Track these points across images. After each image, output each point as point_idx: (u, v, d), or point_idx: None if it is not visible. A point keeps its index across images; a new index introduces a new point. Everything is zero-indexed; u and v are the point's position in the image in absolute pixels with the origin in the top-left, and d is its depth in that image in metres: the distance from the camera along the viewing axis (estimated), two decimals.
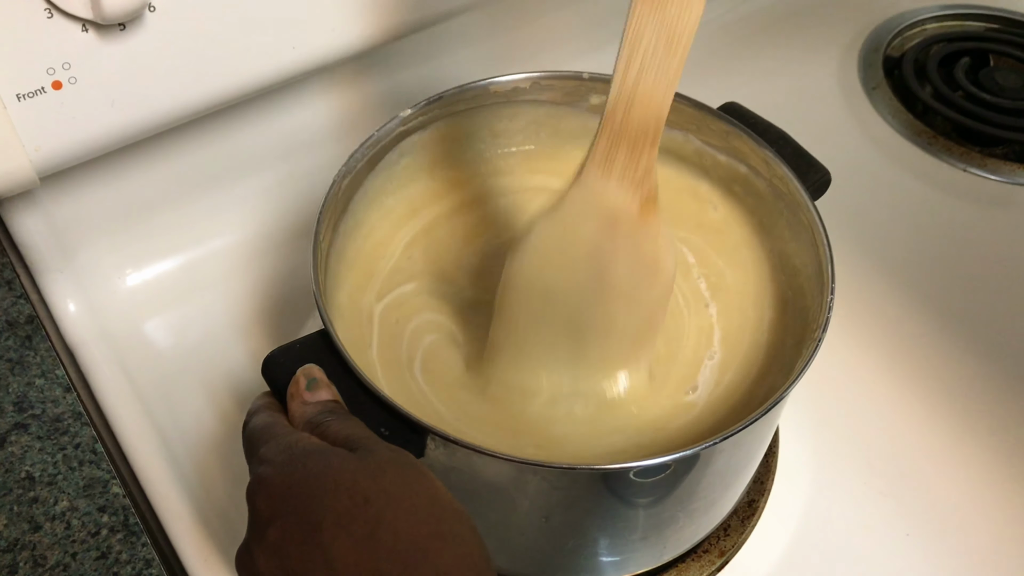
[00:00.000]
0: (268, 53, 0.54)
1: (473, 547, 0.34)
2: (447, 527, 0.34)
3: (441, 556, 0.33)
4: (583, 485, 0.42)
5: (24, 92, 0.48)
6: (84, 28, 0.48)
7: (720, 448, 0.41)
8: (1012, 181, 0.74)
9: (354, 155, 0.50)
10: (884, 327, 0.64)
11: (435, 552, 0.33)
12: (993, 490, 0.56)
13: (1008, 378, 0.61)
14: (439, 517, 0.34)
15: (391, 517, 0.34)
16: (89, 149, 0.52)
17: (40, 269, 0.59)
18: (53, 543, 0.49)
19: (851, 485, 0.56)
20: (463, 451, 0.40)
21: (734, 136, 0.52)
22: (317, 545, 0.33)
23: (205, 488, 0.55)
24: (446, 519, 0.35)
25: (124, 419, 0.57)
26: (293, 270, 0.64)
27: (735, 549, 0.53)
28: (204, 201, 0.63)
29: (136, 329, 0.61)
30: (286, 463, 0.36)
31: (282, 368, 0.42)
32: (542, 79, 0.54)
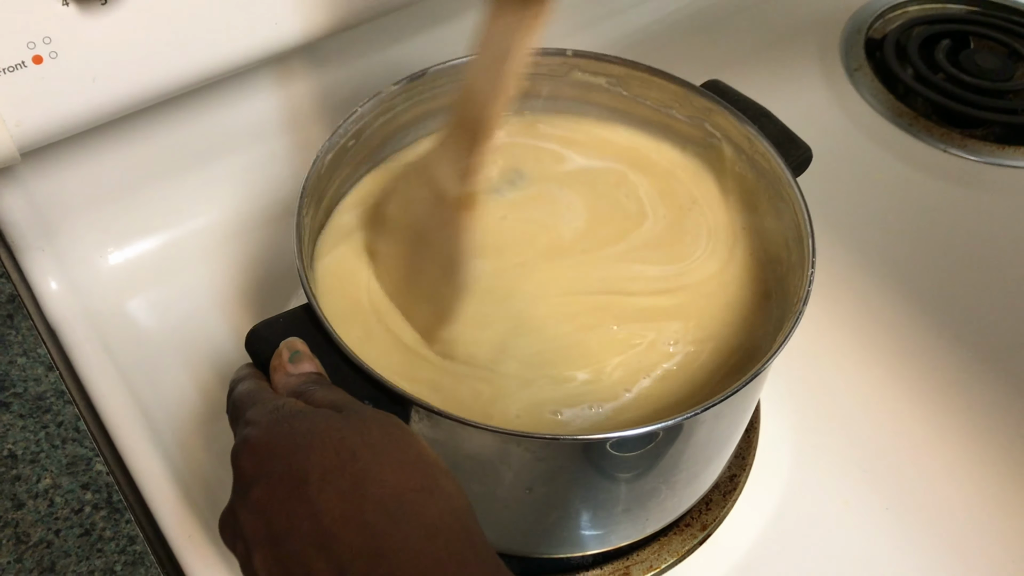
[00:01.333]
0: (252, 29, 0.54)
1: (458, 500, 0.35)
2: (433, 481, 0.34)
3: (427, 508, 0.33)
4: (565, 456, 0.42)
5: (5, 67, 0.47)
6: (65, 2, 0.48)
7: (701, 419, 0.42)
8: (991, 162, 0.74)
9: (337, 131, 0.50)
10: (864, 304, 0.64)
11: (421, 504, 0.33)
12: (969, 464, 0.57)
13: (984, 355, 0.62)
14: (425, 472, 0.35)
15: (377, 471, 0.34)
16: (70, 125, 0.52)
17: (21, 247, 0.59)
18: (36, 520, 0.49)
19: (830, 460, 0.57)
20: (446, 422, 0.40)
21: (716, 113, 0.52)
22: (303, 499, 0.33)
23: (188, 465, 0.55)
24: (432, 474, 0.35)
25: (107, 397, 0.56)
26: (275, 248, 0.64)
27: (717, 523, 0.54)
28: (187, 179, 0.63)
29: (118, 307, 0.61)
30: (272, 424, 0.36)
31: (266, 342, 0.42)
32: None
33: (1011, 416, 0.59)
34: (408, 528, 0.33)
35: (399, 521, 0.33)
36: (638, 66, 0.54)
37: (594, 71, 0.55)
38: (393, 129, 0.54)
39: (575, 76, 0.55)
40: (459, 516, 0.34)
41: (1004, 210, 0.71)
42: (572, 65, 0.55)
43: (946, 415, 0.59)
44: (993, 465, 0.57)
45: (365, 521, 0.33)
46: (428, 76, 0.53)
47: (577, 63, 0.54)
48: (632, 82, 0.54)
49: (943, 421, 0.59)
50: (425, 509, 0.33)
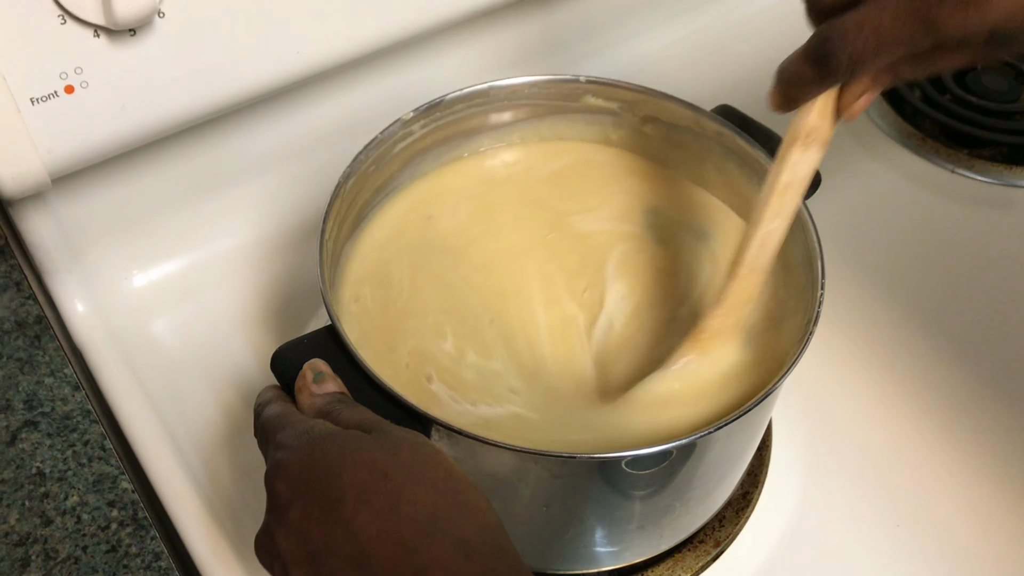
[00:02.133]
0: (274, 58, 0.56)
1: (490, 517, 0.36)
2: (464, 498, 0.36)
3: (461, 525, 0.35)
4: (583, 473, 0.43)
5: (38, 96, 0.49)
6: (96, 34, 0.49)
7: (714, 438, 0.43)
8: (999, 182, 0.75)
9: (358, 157, 0.51)
10: (875, 325, 0.65)
11: (455, 521, 0.35)
12: (980, 483, 0.58)
13: (996, 375, 0.63)
14: (456, 489, 0.36)
15: (410, 490, 0.35)
16: (100, 152, 0.53)
17: (49, 270, 0.60)
18: (64, 537, 0.51)
19: (842, 478, 0.58)
20: (466, 440, 0.41)
21: (726, 137, 0.54)
22: (339, 520, 0.35)
23: (212, 482, 0.56)
24: (462, 491, 0.36)
25: (132, 416, 0.58)
26: (297, 271, 0.66)
27: (730, 539, 0.55)
28: (210, 203, 0.64)
29: (143, 328, 0.63)
30: (304, 447, 0.37)
31: (290, 363, 0.43)
32: (540, 83, 0.56)
33: (1021, 436, 0.60)
34: (443, 545, 0.34)
35: (434, 538, 0.34)
36: (649, 91, 0.55)
37: (606, 96, 0.56)
38: (412, 154, 0.56)
39: (587, 101, 0.56)
40: (491, 532, 0.35)
41: (1012, 229, 0.72)
42: (585, 91, 0.56)
43: (956, 433, 0.60)
44: (1004, 484, 0.58)
45: (401, 539, 0.34)
46: (446, 103, 0.54)
47: (589, 88, 0.56)
48: (643, 106, 0.56)
49: (954, 439, 0.60)
50: (458, 526, 0.35)
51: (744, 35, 0.82)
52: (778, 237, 0.46)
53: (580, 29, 0.74)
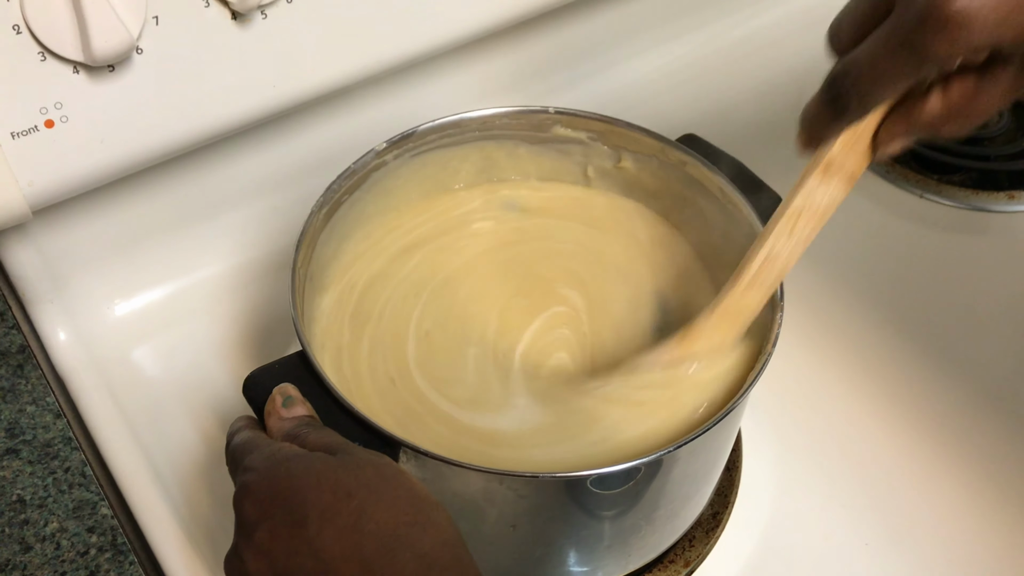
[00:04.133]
0: (251, 92, 0.57)
1: (449, 531, 0.37)
2: (424, 516, 0.37)
3: (421, 541, 0.36)
4: (547, 493, 0.44)
5: (18, 130, 0.50)
6: (75, 70, 0.51)
7: (677, 456, 0.44)
8: (968, 207, 0.77)
9: (331, 187, 0.53)
10: (845, 346, 0.66)
11: (415, 537, 0.36)
12: (952, 502, 0.59)
13: (963, 393, 0.64)
14: (417, 507, 0.37)
15: (372, 508, 0.36)
16: (80, 184, 0.54)
17: (31, 299, 0.61)
18: (43, 563, 0.51)
19: (812, 498, 0.59)
20: (432, 462, 0.42)
21: (691, 165, 0.55)
22: (304, 539, 0.36)
23: (191, 508, 0.57)
24: (424, 508, 0.37)
25: (112, 443, 0.58)
26: (276, 299, 0.67)
27: (700, 559, 0.55)
28: (190, 233, 0.65)
29: (124, 357, 0.63)
30: (270, 468, 0.38)
31: (262, 387, 0.44)
32: (511, 113, 0.57)
33: (990, 453, 0.61)
34: (403, 560, 0.35)
35: (395, 554, 0.35)
36: (617, 121, 0.56)
37: (575, 127, 0.57)
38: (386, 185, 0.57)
39: (556, 131, 0.58)
40: (451, 546, 0.36)
41: (979, 253, 0.73)
42: (554, 121, 0.57)
43: (928, 452, 0.61)
44: (975, 503, 0.59)
45: (363, 556, 0.35)
46: (418, 133, 0.56)
47: (559, 119, 0.57)
48: (611, 136, 0.57)
49: (925, 458, 0.61)
50: (419, 542, 0.36)
51: (714, 67, 0.84)
52: (786, 260, 0.46)
53: (552, 62, 0.76)
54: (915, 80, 0.38)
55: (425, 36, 0.62)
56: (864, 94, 0.39)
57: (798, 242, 0.45)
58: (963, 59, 0.37)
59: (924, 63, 0.37)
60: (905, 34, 0.36)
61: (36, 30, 0.49)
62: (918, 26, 0.35)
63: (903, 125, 0.41)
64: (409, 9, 0.60)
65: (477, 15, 0.63)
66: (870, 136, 0.42)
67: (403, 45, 0.61)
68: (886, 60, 0.37)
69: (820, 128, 0.42)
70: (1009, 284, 0.71)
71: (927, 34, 0.35)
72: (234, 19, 0.54)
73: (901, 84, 0.38)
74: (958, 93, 0.38)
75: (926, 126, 0.40)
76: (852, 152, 0.42)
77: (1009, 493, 0.59)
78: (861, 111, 0.40)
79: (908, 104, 0.40)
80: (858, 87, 0.39)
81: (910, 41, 0.36)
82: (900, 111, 0.40)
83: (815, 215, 0.45)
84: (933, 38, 0.35)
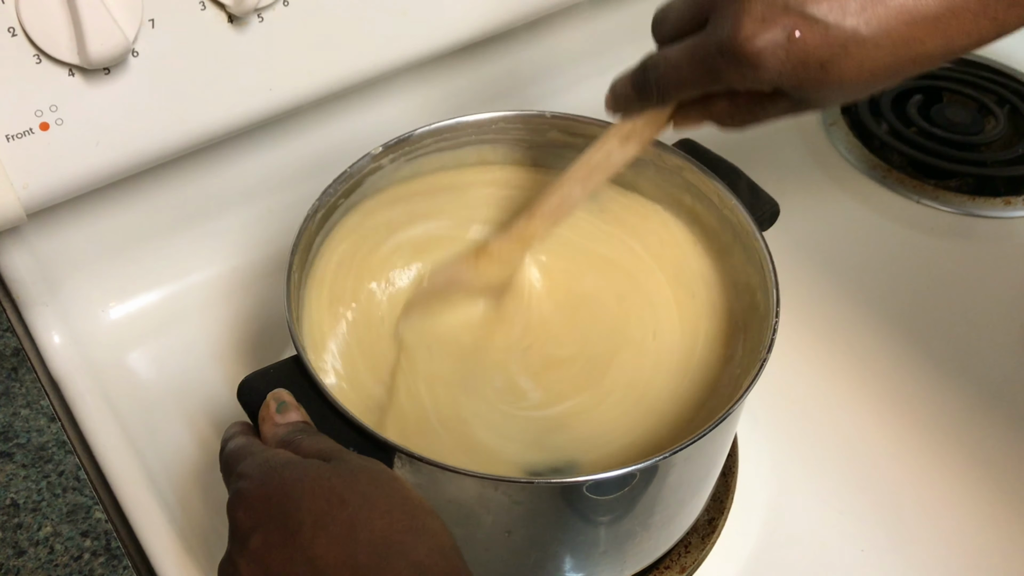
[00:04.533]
0: (246, 95, 0.57)
1: (444, 539, 0.37)
2: (419, 522, 0.37)
3: (415, 548, 0.36)
4: (542, 499, 0.44)
5: (13, 133, 0.50)
6: (71, 72, 0.51)
7: (672, 462, 0.44)
8: (963, 212, 0.77)
9: (327, 191, 0.52)
10: (841, 351, 0.66)
11: (410, 545, 0.36)
12: (945, 507, 0.59)
13: (960, 399, 0.64)
14: (411, 514, 0.37)
15: (367, 516, 0.36)
16: (75, 187, 0.54)
17: (26, 302, 0.61)
18: (37, 567, 0.51)
19: (807, 504, 0.59)
20: (427, 467, 0.42)
21: (688, 171, 0.55)
22: (298, 547, 0.35)
23: (185, 512, 0.57)
24: (418, 515, 0.37)
25: (107, 447, 0.58)
26: (271, 302, 0.67)
27: (696, 565, 0.55)
28: (184, 236, 0.65)
29: (119, 360, 0.63)
30: (264, 475, 0.38)
31: (256, 392, 0.44)
32: (507, 118, 0.57)
33: (986, 458, 0.61)
34: (398, 568, 0.35)
35: (389, 562, 0.35)
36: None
37: (570, 131, 0.57)
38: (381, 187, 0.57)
39: (552, 136, 0.58)
40: (446, 554, 0.36)
41: (975, 258, 0.74)
42: (550, 125, 0.57)
43: (920, 458, 0.61)
44: (969, 506, 0.59)
45: (357, 564, 0.35)
46: (414, 137, 0.56)
47: (555, 124, 0.57)
48: None
49: (918, 464, 0.61)
50: (413, 549, 0.36)
51: None
52: (574, 201, 0.52)
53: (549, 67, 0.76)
54: (707, 90, 0.44)
55: (421, 41, 0.62)
56: (664, 90, 0.45)
57: (588, 189, 0.51)
58: (749, 88, 0.42)
59: (716, 83, 0.43)
60: (706, 54, 0.42)
61: (31, 33, 0.48)
62: (717, 53, 0.41)
63: (696, 114, 0.47)
64: (405, 13, 0.60)
65: (473, 20, 0.63)
66: (668, 114, 0.48)
67: (399, 49, 0.61)
68: (687, 69, 0.43)
69: (624, 104, 0.49)
70: (1004, 289, 0.71)
71: (723, 63, 0.41)
72: (230, 22, 0.54)
73: (695, 90, 0.45)
74: (743, 103, 0.44)
75: (714, 119, 0.46)
76: (650, 125, 0.48)
77: (1006, 498, 0.59)
78: (660, 102, 0.47)
79: (704, 97, 0.45)
80: (660, 83, 0.45)
81: (709, 62, 0.42)
82: (696, 101, 0.46)
83: (608, 170, 0.51)
84: (727, 67, 0.41)
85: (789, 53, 0.39)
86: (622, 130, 0.49)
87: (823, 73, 0.39)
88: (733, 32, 0.40)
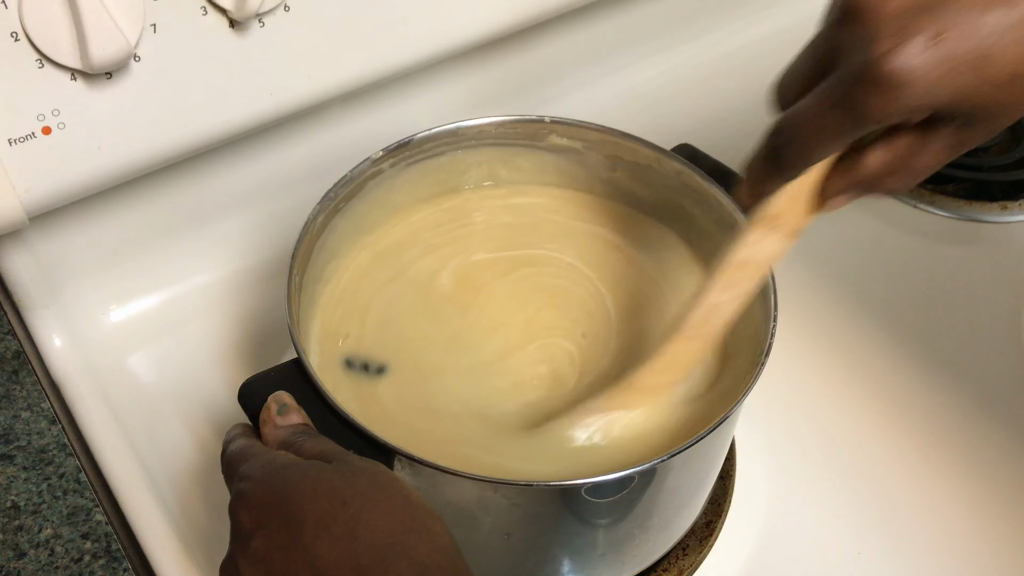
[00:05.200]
0: (247, 100, 0.57)
1: (445, 540, 0.37)
2: (420, 523, 0.37)
3: (417, 549, 0.36)
4: (540, 502, 0.44)
5: (16, 137, 0.51)
6: (73, 77, 0.51)
7: (670, 465, 0.44)
8: (961, 217, 0.77)
9: (328, 194, 0.53)
10: (838, 356, 0.67)
11: (411, 545, 0.36)
12: (944, 511, 0.59)
13: (956, 403, 0.64)
14: (412, 515, 0.37)
15: (368, 516, 0.36)
16: (76, 191, 0.55)
17: (27, 305, 0.61)
18: (37, 569, 0.51)
19: (804, 508, 0.59)
20: (427, 470, 0.42)
21: (685, 175, 0.55)
22: (300, 547, 0.36)
23: (185, 514, 0.57)
24: (419, 516, 0.37)
25: (107, 449, 0.59)
26: (272, 306, 0.67)
27: (693, 568, 0.56)
28: (185, 239, 0.66)
29: (119, 363, 0.64)
30: (266, 477, 0.39)
31: (257, 395, 0.44)
32: (507, 122, 0.58)
33: (983, 461, 0.61)
34: (399, 568, 0.35)
35: (390, 562, 0.35)
36: (612, 131, 0.57)
37: (570, 136, 0.58)
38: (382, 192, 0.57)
39: (552, 140, 0.58)
40: (447, 554, 0.36)
41: (972, 262, 0.74)
42: (550, 130, 0.58)
43: (917, 462, 0.61)
44: (965, 510, 0.59)
45: (359, 564, 0.35)
46: (415, 142, 0.56)
47: (554, 128, 0.58)
48: (606, 146, 0.58)
49: (915, 467, 0.61)
50: (414, 550, 0.36)
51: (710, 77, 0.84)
52: (728, 311, 0.46)
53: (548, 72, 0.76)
54: (853, 138, 0.38)
55: (422, 45, 0.62)
56: (803, 150, 0.39)
57: (739, 294, 0.45)
58: (901, 119, 0.36)
59: (860, 122, 0.36)
60: (843, 92, 0.36)
61: (34, 37, 0.49)
62: (855, 85, 0.35)
63: (845, 180, 0.40)
64: (406, 18, 0.60)
65: (474, 24, 0.63)
66: (813, 191, 0.41)
67: (400, 54, 0.61)
68: (824, 117, 0.37)
69: (761, 182, 0.42)
70: (1001, 293, 0.71)
71: (863, 93, 0.35)
72: (232, 27, 0.55)
73: (839, 141, 0.38)
74: (898, 151, 0.38)
75: (867, 182, 0.40)
76: (794, 206, 0.42)
77: (1002, 502, 0.59)
78: (800, 166, 0.40)
79: (850, 159, 0.40)
80: (796, 142, 0.38)
81: (847, 99, 0.36)
82: (842, 166, 0.40)
83: (758, 268, 0.45)
84: (869, 98, 0.35)
85: (937, 57, 0.33)
86: (762, 216, 0.43)
87: (982, 71, 0.34)
88: (869, 54, 0.34)
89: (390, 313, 0.54)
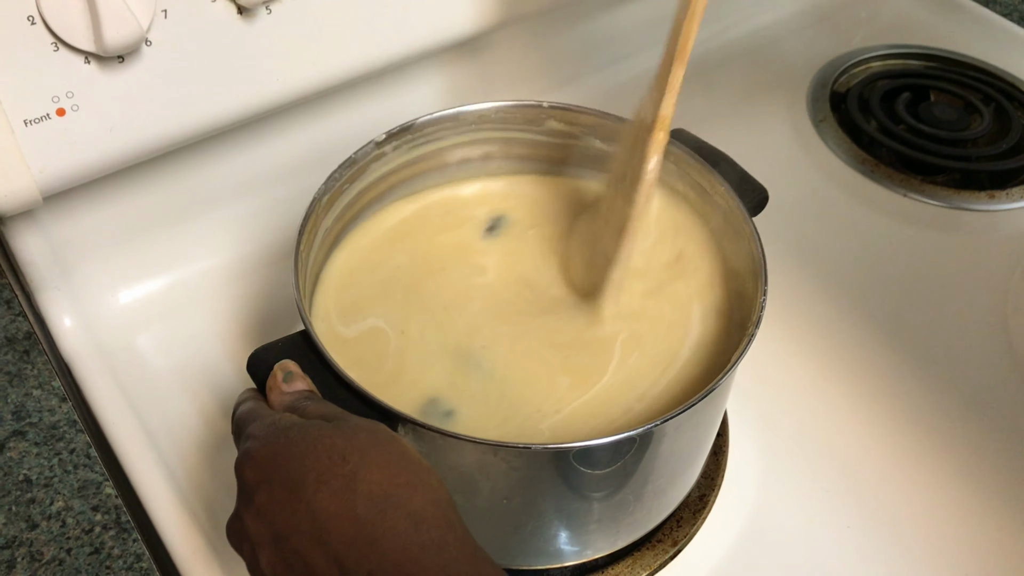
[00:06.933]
0: (256, 85, 0.59)
1: (440, 493, 0.39)
2: (416, 477, 0.39)
3: (412, 500, 0.38)
4: (538, 464, 0.46)
5: (31, 118, 0.52)
6: (87, 60, 0.53)
7: (663, 431, 0.46)
8: (950, 205, 0.79)
9: (332, 176, 0.54)
10: (828, 339, 0.68)
11: (406, 498, 0.38)
12: (932, 484, 0.61)
13: (942, 386, 0.66)
14: (409, 469, 0.39)
15: (366, 471, 0.38)
16: (89, 172, 0.56)
17: (38, 286, 0.63)
18: (49, 540, 0.53)
19: (795, 482, 0.61)
20: (429, 435, 0.44)
21: (681, 159, 0.57)
22: (301, 501, 0.37)
23: (192, 487, 0.58)
24: (415, 471, 0.39)
25: (116, 426, 0.60)
26: (276, 288, 0.68)
27: (687, 539, 0.57)
28: (194, 222, 0.67)
29: (128, 343, 0.65)
30: (270, 436, 0.40)
31: (265, 364, 0.46)
32: (506, 108, 0.59)
33: (967, 441, 0.63)
34: (395, 518, 0.37)
35: (386, 512, 0.37)
36: (609, 116, 0.58)
37: (568, 121, 0.59)
38: (385, 174, 0.59)
39: (550, 125, 0.60)
40: (440, 506, 0.38)
41: (960, 250, 0.76)
42: (548, 115, 0.59)
43: (909, 438, 0.63)
44: (955, 485, 0.60)
45: (356, 515, 0.37)
46: (417, 126, 0.58)
47: (552, 114, 0.59)
48: (603, 130, 0.59)
49: (901, 445, 0.62)
50: (409, 501, 0.38)
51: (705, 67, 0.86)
52: None
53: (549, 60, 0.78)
54: None
55: (427, 32, 0.64)
56: None
57: None
58: None
59: None
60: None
61: (50, 21, 0.50)
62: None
63: None
64: (412, 5, 0.62)
65: (480, 12, 0.65)
66: None
67: (404, 41, 0.63)
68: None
69: None
70: (988, 280, 0.73)
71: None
72: (240, 13, 0.56)
73: None
74: None
75: None
76: None
77: (984, 478, 0.61)
78: None
79: None
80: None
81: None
82: None
83: None
84: None
85: None
86: None
87: None
88: None
89: (390, 289, 0.56)
